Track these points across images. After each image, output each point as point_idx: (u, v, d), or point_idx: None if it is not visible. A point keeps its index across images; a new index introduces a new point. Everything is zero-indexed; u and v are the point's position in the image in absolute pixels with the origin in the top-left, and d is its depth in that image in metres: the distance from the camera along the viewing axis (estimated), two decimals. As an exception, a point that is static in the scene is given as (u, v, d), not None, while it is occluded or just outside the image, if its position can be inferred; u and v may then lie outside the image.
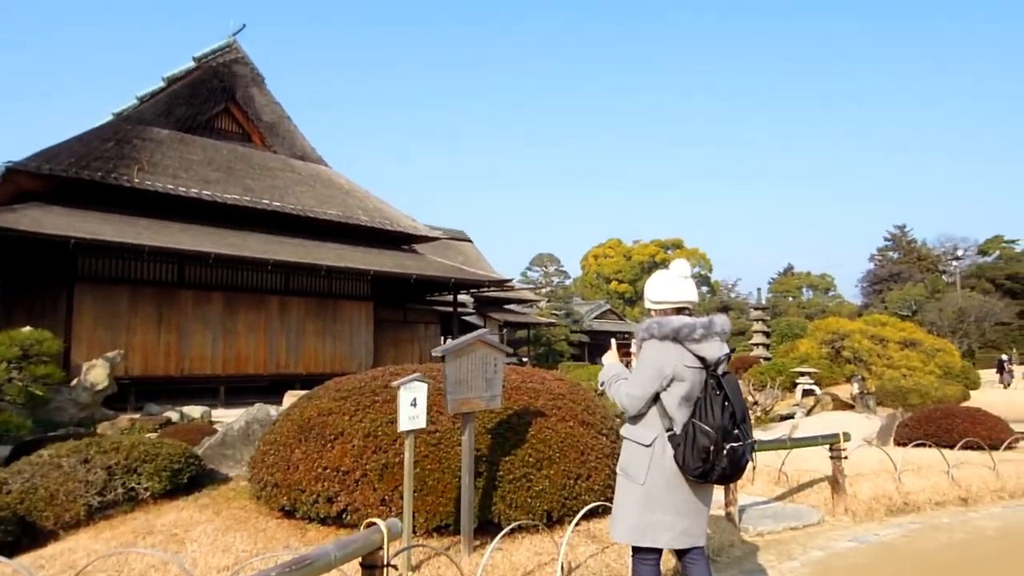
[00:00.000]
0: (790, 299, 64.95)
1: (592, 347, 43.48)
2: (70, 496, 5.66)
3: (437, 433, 5.30)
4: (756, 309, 22.78)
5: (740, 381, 18.94)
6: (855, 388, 16.77)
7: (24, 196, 14.60)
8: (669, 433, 2.92)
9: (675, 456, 2.87)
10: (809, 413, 16.21)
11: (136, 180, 15.20)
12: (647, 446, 2.98)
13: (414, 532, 5.02)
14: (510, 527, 5.04)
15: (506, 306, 33.12)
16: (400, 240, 20.89)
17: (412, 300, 23.76)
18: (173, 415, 13.83)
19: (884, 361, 16.14)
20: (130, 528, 5.35)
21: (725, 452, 2.77)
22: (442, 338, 25.77)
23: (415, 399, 4.44)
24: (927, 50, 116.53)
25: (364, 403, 5.51)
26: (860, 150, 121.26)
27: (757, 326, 22.38)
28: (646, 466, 2.96)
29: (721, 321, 3.02)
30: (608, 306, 50.03)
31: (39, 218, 13.47)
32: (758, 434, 10.44)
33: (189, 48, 19.31)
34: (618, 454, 3.36)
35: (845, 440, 6.79)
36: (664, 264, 64.92)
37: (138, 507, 5.92)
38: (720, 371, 2.91)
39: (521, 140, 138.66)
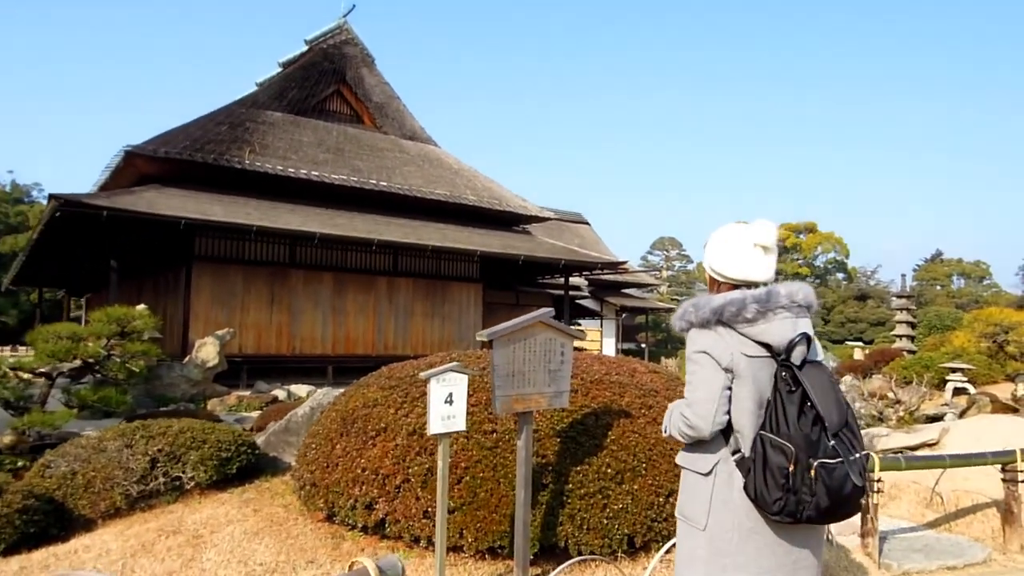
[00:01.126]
0: (938, 287, 59.18)
1: (715, 334, 41.28)
2: (108, 484, 5.15)
3: (494, 434, 4.34)
4: (899, 297, 20.30)
5: (880, 376, 16.88)
6: (1019, 389, 14.37)
7: (144, 179, 14.92)
8: (736, 456, 2.06)
9: (745, 487, 2.00)
10: (962, 415, 14.02)
11: (247, 162, 15.20)
12: (705, 475, 2.12)
13: (461, 551, 4.12)
14: (580, 558, 4.03)
15: (624, 290, 31.76)
16: (510, 220, 20.10)
17: (523, 283, 22.99)
18: (280, 393, 13.72)
19: (1060, 358, 13.66)
20: (159, 524, 4.76)
21: (814, 474, 1.87)
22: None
23: (451, 394, 3.50)
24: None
25: (414, 394, 4.63)
26: (1015, 123, 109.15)
27: (901, 316, 19.92)
28: (707, 504, 2.10)
29: (790, 291, 2.09)
30: (734, 292, 47.23)
31: (154, 200, 13.64)
32: (900, 437, 8.81)
33: (307, 32, 19.43)
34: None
35: (1023, 459, 5.28)
36: (795, 248, 61.11)
37: (182, 498, 5.36)
38: (796, 359, 2.00)
39: (645, 123, 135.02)
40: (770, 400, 1.99)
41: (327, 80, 18.51)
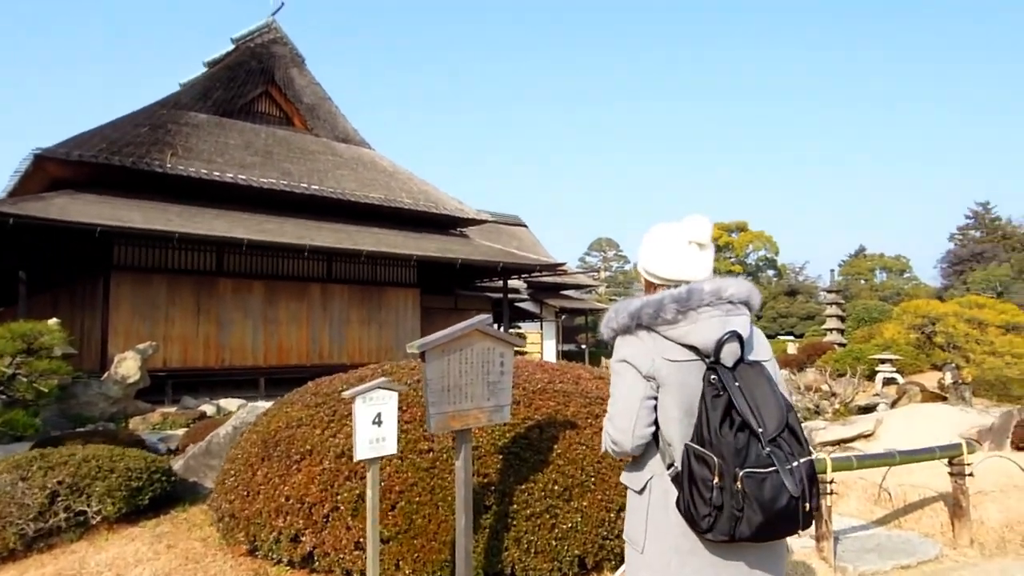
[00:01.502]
0: (862, 282, 61.32)
1: (653, 333, 41.70)
2: (0, 522, 4.59)
3: (431, 454, 3.98)
4: (829, 292, 20.75)
5: (814, 370, 17.07)
6: (947, 377, 14.76)
7: (56, 184, 13.97)
8: (671, 470, 1.86)
9: (677, 503, 1.81)
10: (894, 405, 14.33)
11: (169, 165, 14.39)
12: (639, 493, 1.96)
13: (398, 585, 3.75)
14: (526, 583, 3.70)
15: (563, 292, 31.70)
16: (447, 224, 19.69)
17: (462, 287, 22.62)
18: (209, 408, 13.00)
19: (984, 348, 14.07)
20: (57, 568, 4.22)
21: (741, 485, 1.66)
22: (494, 325, 24.56)
23: (379, 414, 3.13)
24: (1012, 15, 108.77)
25: (342, 412, 4.22)
26: (935, 125, 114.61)
27: (831, 310, 20.37)
28: (643, 525, 1.92)
29: (716, 288, 1.90)
30: (670, 291, 47.82)
31: (66, 206, 12.75)
32: (837, 430, 8.78)
33: (234, 30, 18.68)
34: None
35: (970, 452, 5.22)
36: (727, 247, 62.47)
37: (87, 534, 4.81)
38: (727, 359, 1.82)
39: (577, 123, 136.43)
40: (699, 408, 1.78)
41: (255, 80, 17.76)
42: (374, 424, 3.09)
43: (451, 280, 21.03)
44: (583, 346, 33.64)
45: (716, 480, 1.67)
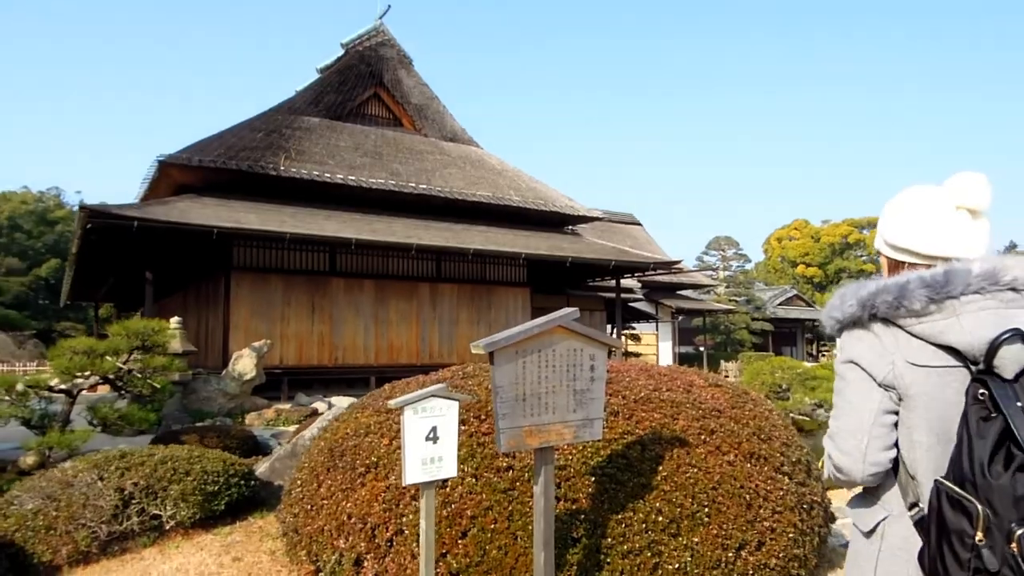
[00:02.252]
0: None
1: (777, 336, 39.44)
2: (73, 524, 4.38)
3: (511, 472, 3.37)
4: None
5: None
6: None
7: (181, 189, 14.50)
8: (914, 512, 1.43)
9: (920, 557, 1.36)
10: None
11: (283, 168, 14.61)
12: (867, 536, 1.52)
13: (469, 628, 3.17)
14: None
15: (679, 292, 30.39)
16: (557, 222, 19.09)
17: (573, 286, 21.96)
18: (321, 405, 13.06)
19: None
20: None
21: (1018, 550, 1.16)
22: (608, 327, 23.78)
23: (434, 428, 2.56)
24: None
25: (414, 420, 3.72)
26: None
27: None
28: None
29: (993, 268, 1.38)
30: (794, 292, 45.12)
31: (187, 209, 13.13)
32: None
33: (344, 35, 18.79)
34: (805, 505, 2.29)
35: None
36: (858, 245, 58.29)
37: (160, 539, 4.54)
38: (1006, 369, 1.29)
39: (697, 122, 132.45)
40: (959, 431, 1.33)
41: (364, 83, 17.86)
42: (428, 440, 2.53)
43: (562, 279, 20.43)
44: (701, 348, 32.16)
45: (979, 536, 1.23)
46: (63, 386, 9.14)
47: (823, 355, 45.25)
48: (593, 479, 3.32)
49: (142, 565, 4.10)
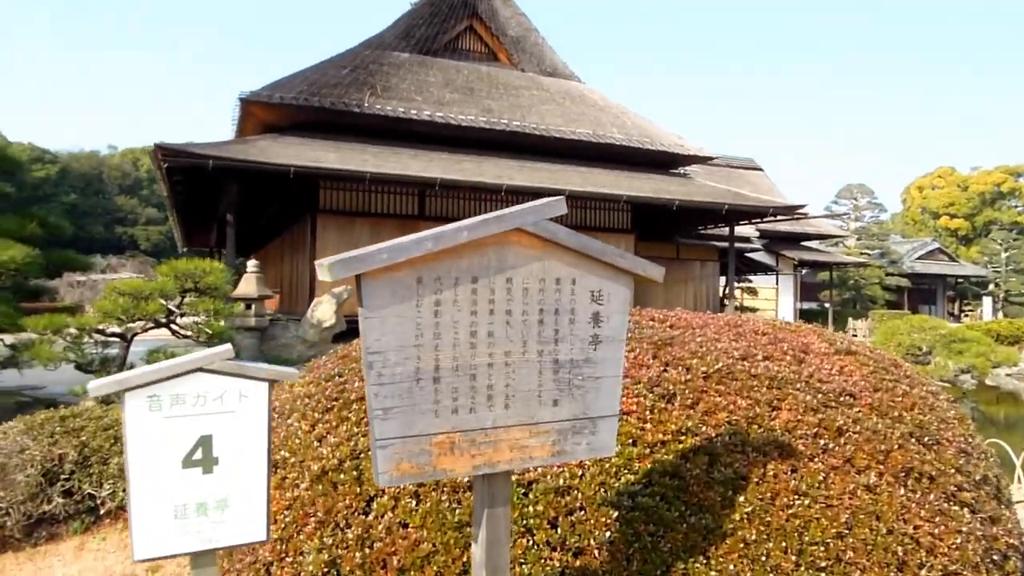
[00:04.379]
0: None
1: (914, 293, 35.39)
2: (-14, 505, 3.43)
3: (469, 495, 1.98)
4: None
5: None
6: None
7: (266, 129, 13.78)
8: None
9: None
10: None
11: (366, 105, 13.53)
12: None
13: None
14: None
15: (803, 243, 27.46)
16: (665, 162, 17.08)
17: (684, 233, 19.95)
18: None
19: None
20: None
21: None
22: (721, 279, 21.62)
23: (206, 440, 1.22)
24: None
25: (349, 396, 2.38)
26: None
27: None
28: None
29: None
30: (936, 245, 40.24)
31: (267, 148, 12.35)
32: None
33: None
34: (996, 556, 1.26)
35: None
36: (1013, 194, 51.56)
37: (96, 525, 3.53)
38: None
39: (827, 63, 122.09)
40: None
41: (457, 15, 16.40)
42: (192, 465, 1.18)
43: (671, 226, 18.50)
44: (826, 305, 29.14)
45: None
46: (116, 329, 8.53)
47: (966, 315, 40.45)
48: (616, 515, 1.86)
49: (32, 567, 3.05)
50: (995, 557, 2.31)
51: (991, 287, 41.13)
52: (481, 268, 1.34)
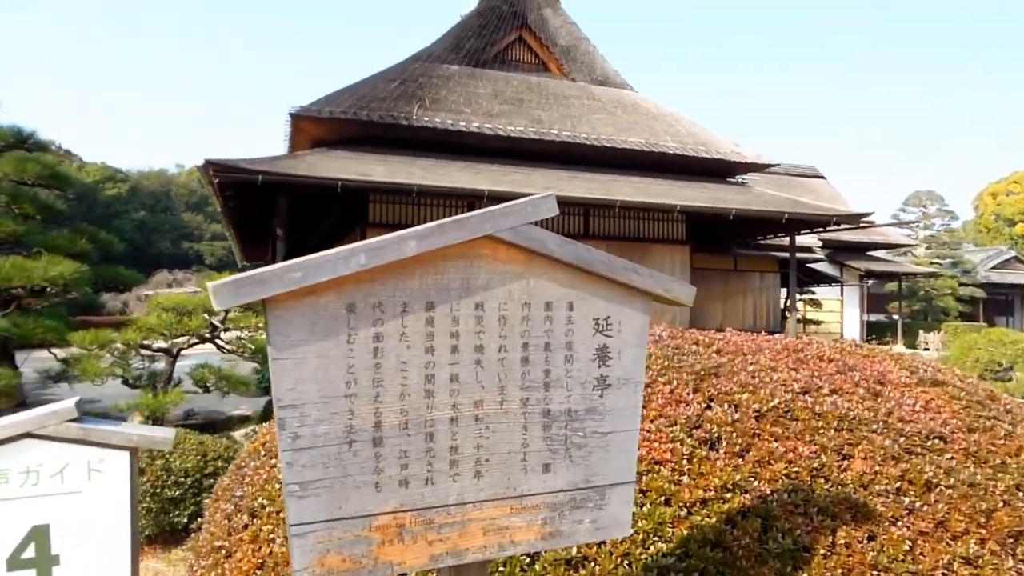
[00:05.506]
0: None
1: (989, 303, 33.47)
2: None
3: None
4: None
5: None
6: None
7: (316, 144, 13.81)
8: None
9: None
10: None
11: (414, 118, 13.40)
12: None
13: None
14: None
15: (869, 252, 26.21)
16: (721, 171, 16.44)
17: (741, 244, 19.19)
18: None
19: None
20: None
21: None
22: (782, 291, 20.74)
23: (40, 532, 0.88)
24: None
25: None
26: None
27: None
28: None
29: None
30: (1013, 253, 37.97)
31: (315, 163, 12.32)
32: None
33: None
34: None
35: None
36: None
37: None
38: None
39: (892, 61, 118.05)
40: None
41: (507, 26, 16.18)
42: (21, 567, 0.85)
43: (728, 236, 17.80)
44: (895, 316, 27.74)
45: None
46: (161, 344, 8.51)
47: (1048, 327, 38.03)
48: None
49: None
50: None
51: (1075, 297, 38.56)
52: (440, 290, 1.00)
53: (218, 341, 8.64)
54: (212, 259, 35.77)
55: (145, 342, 7.98)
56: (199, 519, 2.92)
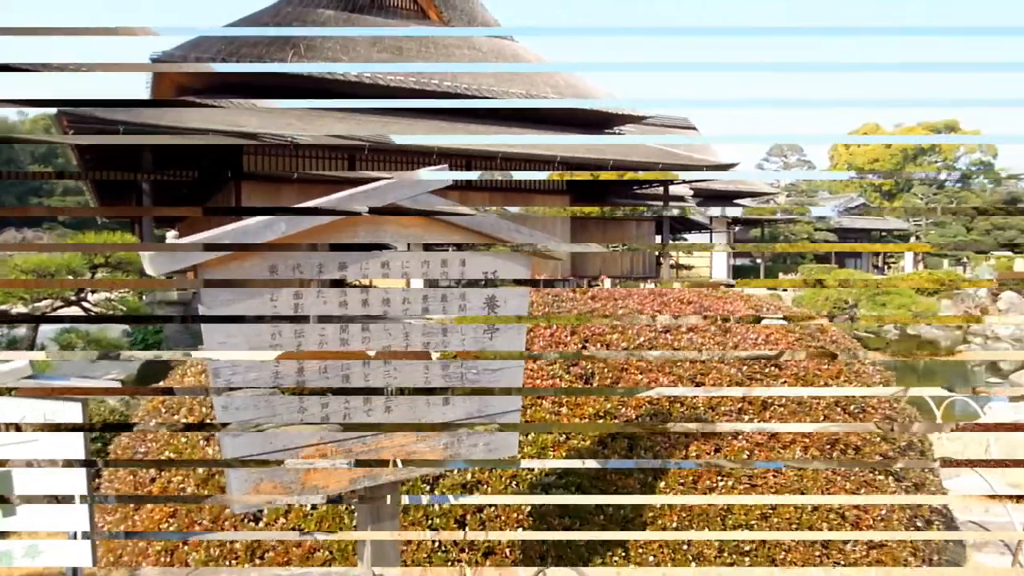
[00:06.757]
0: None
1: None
2: None
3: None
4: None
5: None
6: None
7: (182, 91, 13.03)
8: None
9: None
10: None
11: (288, 64, 12.91)
12: None
13: None
14: None
15: (736, 201, 27.90)
16: (599, 122, 17.00)
17: (618, 194, 19.98)
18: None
19: None
20: None
21: None
22: (657, 237, 21.84)
23: None
24: None
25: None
26: None
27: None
28: None
29: None
30: (862, 200, 41.61)
31: (182, 113, 11.65)
32: None
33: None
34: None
35: None
36: (933, 150, 53.61)
37: None
38: None
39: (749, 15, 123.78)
40: None
41: (384, -31, 15.78)
42: None
43: (605, 186, 18.49)
44: (758, 260, 29.88)
45: None
46: (22, 309, 8.00)
47: (889, 267, 42.16)
48: (528, 509, 1.73)
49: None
50: (919, 524, 2.28)
51: (912, 240, 42.87)
52: (351, 251, 1.16)
53: (85, 304, 8.20)
54: (67, 216, 32.91)
55: (2, 308, 7.47)
56: (96, 479, 2.92)
